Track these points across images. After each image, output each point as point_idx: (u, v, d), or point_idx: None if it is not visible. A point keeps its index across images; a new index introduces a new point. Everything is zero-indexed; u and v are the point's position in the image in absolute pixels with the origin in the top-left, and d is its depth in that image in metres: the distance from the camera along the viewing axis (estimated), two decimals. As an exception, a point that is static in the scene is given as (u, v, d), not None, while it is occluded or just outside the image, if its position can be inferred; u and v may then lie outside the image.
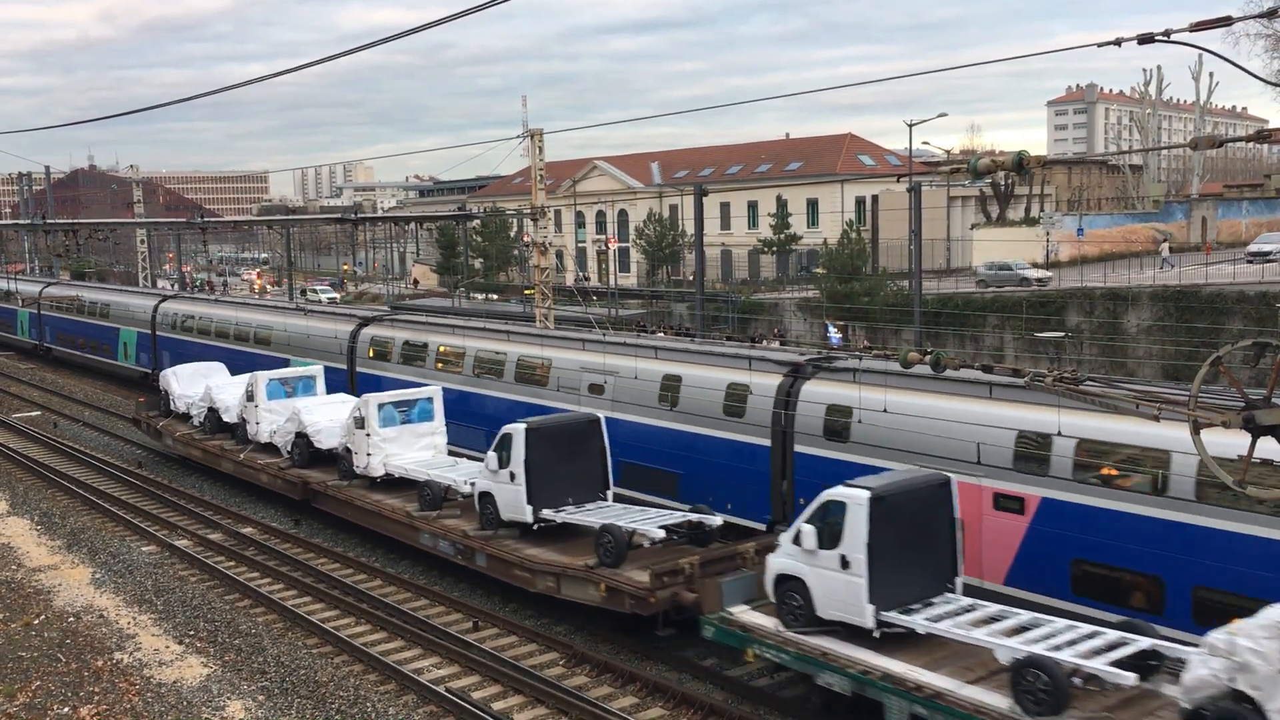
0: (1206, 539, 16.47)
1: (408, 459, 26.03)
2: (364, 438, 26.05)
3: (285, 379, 31.38)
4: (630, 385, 26.11)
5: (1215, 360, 10.70)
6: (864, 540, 15.61)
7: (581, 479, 22.07)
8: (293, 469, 28.69)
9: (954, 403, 19.82)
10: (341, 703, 17.57)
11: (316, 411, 28.93)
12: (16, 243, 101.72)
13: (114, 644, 20.26)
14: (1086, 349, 48.67)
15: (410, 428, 26.52)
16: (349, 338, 36.53)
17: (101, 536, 27.49)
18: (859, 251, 61.33)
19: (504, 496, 21.76)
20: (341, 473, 27.11)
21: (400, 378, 33.09)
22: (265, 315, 43.05)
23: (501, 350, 30.72)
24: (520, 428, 21.49)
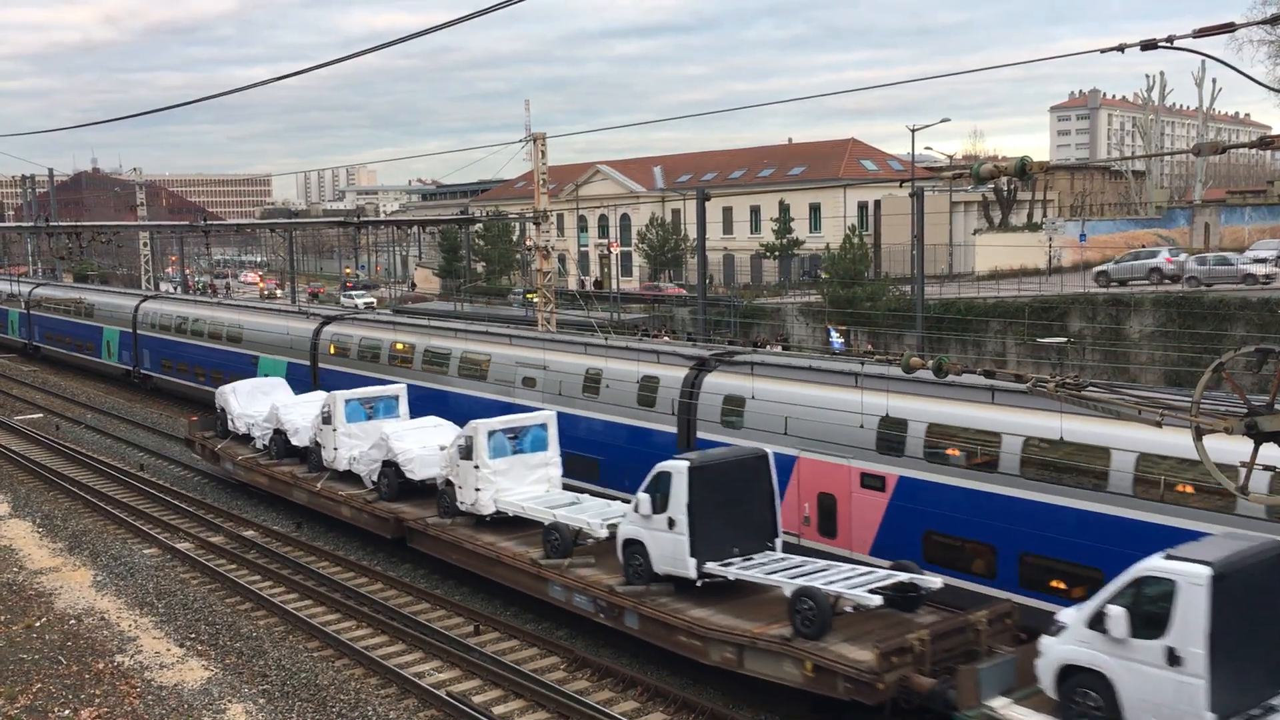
0: (1031, 511, 18.37)
1: (521, 494, 22.79)
2: (471, 470, 22.74)
3: (365, 399, 28.01)
4: (558, 378, 28.59)
5: (1218, 366, 10.70)
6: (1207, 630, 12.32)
7: (748, 525, 18.71)
8: (381, 503, 25.41)
9: (829, 392, 22.09)
10: (343, 706, 17.55)
11: (408, 438, 25.61)
12: (20, 245, 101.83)
13: (115, 647, 20.25)
14: (1089, 355, 48.62)
15: (522, 458, 23.15)
16: (312, 335, 38.54)
17: (103, 539, 27.49)
18: (861, 256, 61.33)
19: (659, 546, 18.45)
20: (442, 509, 23.75)
21: (358, 373, 35.29)
22: (236, 314, 44.81)
23: (447, 347, 33.11)
24: (682, 466, 18.27)
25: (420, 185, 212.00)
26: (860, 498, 21.08)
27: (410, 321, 38.49)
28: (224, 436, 32.42)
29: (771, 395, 22.88)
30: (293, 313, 44.11)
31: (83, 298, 57.45)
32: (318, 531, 28.32)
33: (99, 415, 45.85)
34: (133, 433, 42.01)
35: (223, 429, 32.52)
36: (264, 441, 30.44)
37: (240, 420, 31.75)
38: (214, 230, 50.37)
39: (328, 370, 37.34)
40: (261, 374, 39.83)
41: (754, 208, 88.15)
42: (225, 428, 32.38)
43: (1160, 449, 16.82)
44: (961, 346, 51.38)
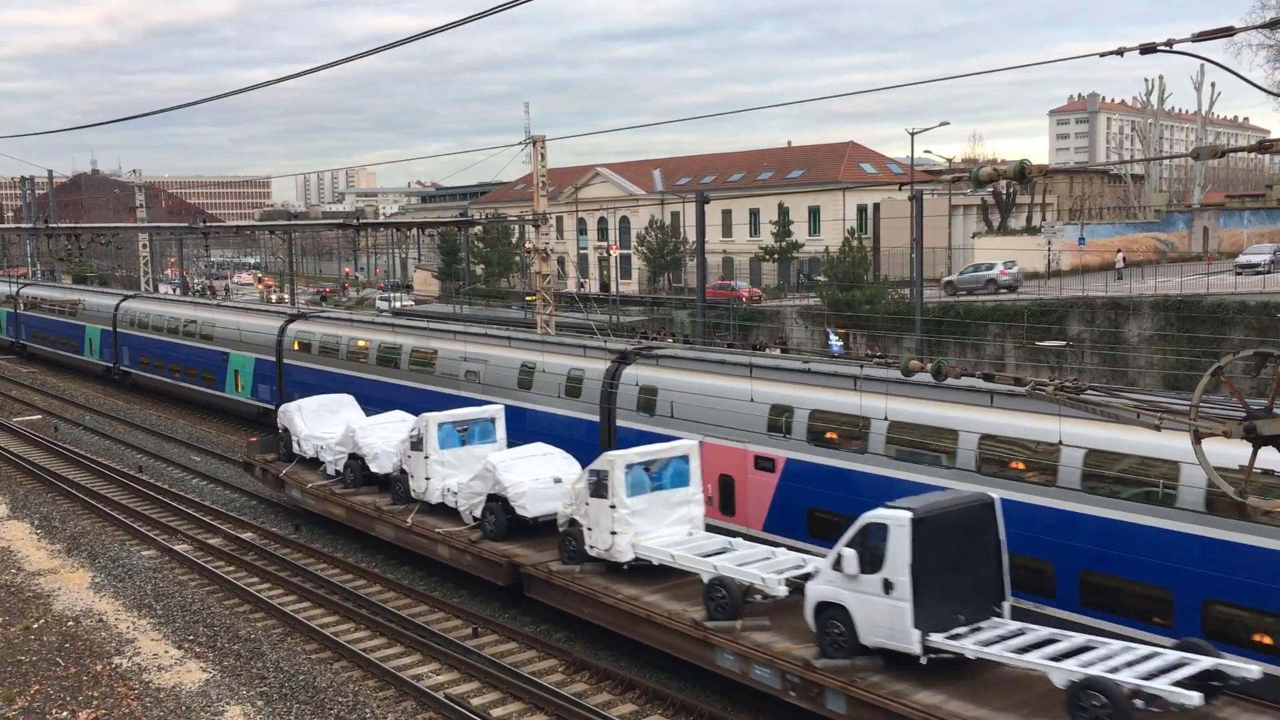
0: (898, 488, 19.68)
1: (662, 538, 19.72)
2: (604, 510, 19.66)
3: (459, 422, 24.89)
4: (498, 372, 30.25)
5: (1216, 370, 10.70)
6: None
7: (973, 586, 15.83)
8: (488, 543, 22.32)
9: (727, 382, 23.99)
10: (340, 708, 17.55)
11: (517, 469, 22.56)
12: (19, 247, 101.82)
13: (113, 648, 20.24)
14: (1088, 358, 48.65)
15: (662, 495, 20.09)
16: (277, 333, 39.84)
17: (101, 541, 27.48)
18: (860, 259, 61.35)
19: (868, 613, 15.44)
20: (565, 553, 20.64)
21: (319, 368, 37.31)
22: (209, 313, 46.41)
23: (398, 343, 34.61)
24: (901, 517, 15.19)
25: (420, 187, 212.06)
26: (754, 478, 23.02)
27: (366, 319, 41.38)
28: (288, 460, 29.26)
29: (679, 386, 25.07)
30: (260, 311, 46.18)
31: (67, 297, 59.37)
32: (316, 534, 28.31)
33: (97, 417, 45.85)
34: (131, 434, 42.01)
35: (286, 451, 29.46)
36: (337, 467, 27.37)
37: (307, 442, 28.62)
38: (213, 232, 51.14)
39: (291, 365, 38.90)
40: (231, 370, 42.72)
41: (753, 210, 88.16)
42: (289, 450, 29.29)
43: (998, 430, 19.29)
44: (960, 350, 51.42)
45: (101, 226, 52.66)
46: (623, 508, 19.56)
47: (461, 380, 31.42)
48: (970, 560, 15.81)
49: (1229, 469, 11.21)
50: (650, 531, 19.75)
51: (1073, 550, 18.09)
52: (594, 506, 19.95)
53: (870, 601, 15.41)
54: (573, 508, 20.53)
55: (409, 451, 24.73)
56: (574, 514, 20.46)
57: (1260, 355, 10.84)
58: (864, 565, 15.42)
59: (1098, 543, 17.83)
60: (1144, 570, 17.32)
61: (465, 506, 23.26)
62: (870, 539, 15.50)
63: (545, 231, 40.90)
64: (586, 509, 20.13)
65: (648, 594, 19.02)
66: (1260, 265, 59.69)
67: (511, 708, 17.78)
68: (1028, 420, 18.78)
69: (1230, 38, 10.54)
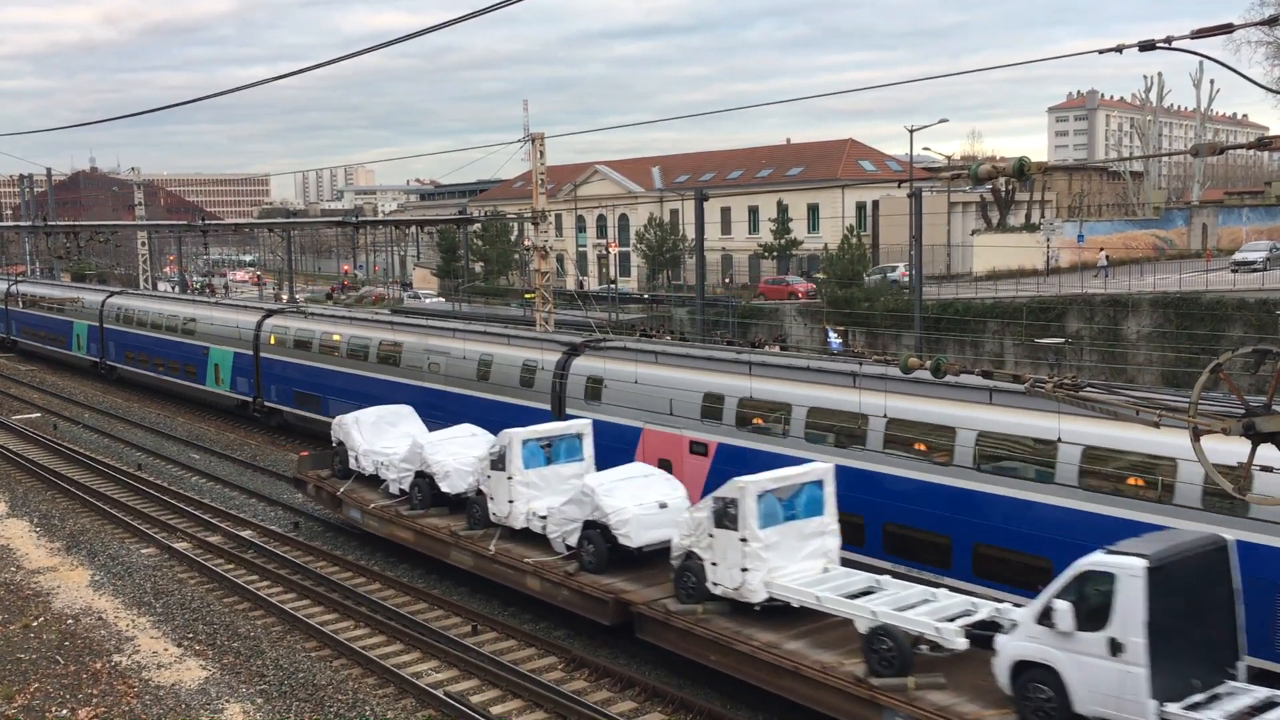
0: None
1: (797, 575, 17.41)
2: (733, 543, 17.27)
3: (543, 439, 22.49)
4: (458, 364, 31.48)
5: (1215, 367, 10.70)
6: None
7: (1208, 645, 13.78)
8: (586, 575, 19.93)
9: (666, 372, 25.59)
10: (340, 706, 17.56)
11: (619, 493, 20.14)
12: (18, 244, 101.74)
13: (113, 646, 20.25)
14: (1087, 355, 48.66)
15: (795, 526, 17.70)
16: (254, 328, 41.08)
17: (101, 539, 27.48)
18: (859, 257, 61.34)
19: (1086, 677, 13.23)
20: (683, 591, 18.25)
21: (293, 361, 38.74)
22: (189, 308, 47.96)
23: (367, 337, 35.91)
24: (1134, 565, 12.96)
25: (419, 185, 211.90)
26: (690, 461, 24.49)
27: (337, 314, 43.46)
28: (344, 476, 26.98)
29: (623, 376, 26.38)
30: (239, 307, 47.67)
31: (55, 294, 61.39)
32: (315, 531, 28.31)
33: (96, 415, 45.84)
34: (130, 432, 42.01)
35: (342, 467, 27.12)
36: (402, 486, 25.12)
37: (366, 458, 26.37)
38: (212, 230, 51.59)
39: (268, 359, 40.26)
40: (211, 364, 43.86)
41: (752, 208, 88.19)
42: (345, 466, 27.02)
43: (903, 414, 20.81)
44: (959, 347, 51.43)
45: (100, 225, 53.11)
46: (755, 541, 17.07)
47: (425, 372, 32.70)
48: (1205, 614, 13.68)
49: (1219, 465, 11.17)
50: (784, 567, 17.36)
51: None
52: (720, 539, 17.42)
53: (1090, 664, 13.08)
54: (691, 539, 18.01)
55: (488, 471, 22.36)
56: (693, 546, 18.00)
57: (1259, 352, 10.84)
58: (1082, 621, 13.13)
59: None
60: (1022, 540, 18.69)
61: (557, 534, 20.84)
62: (1090, 590, 13.15)
63: (544, 229, 40.88)
64: (710, 541, 17.62)
65: (786, 640, 16.74)
66: (1256, 262, 59.70)
67: (511, 705, 17.79)
68: (932, 405, 20.46)
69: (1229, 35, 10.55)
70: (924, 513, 19.97)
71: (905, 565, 19.90)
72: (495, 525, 22.39)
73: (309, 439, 38.65)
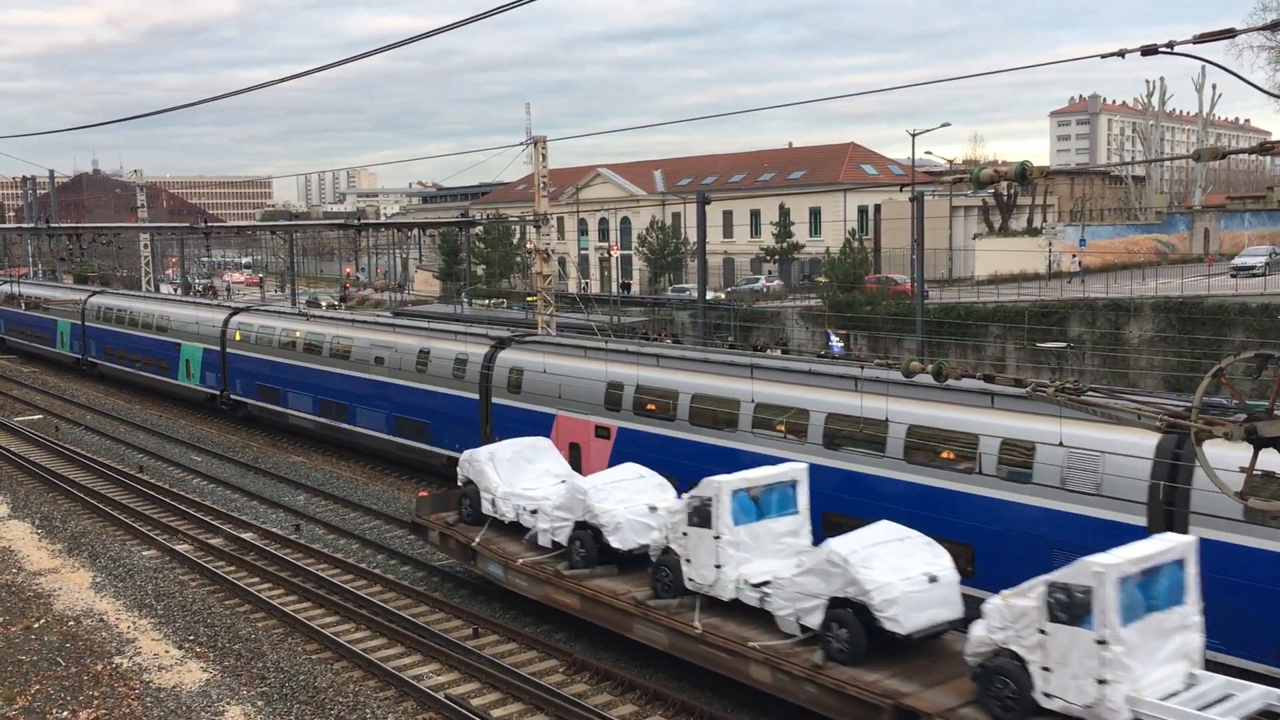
0: (695, 449, 24.11)
1: (1158, 681, 13.30)
2: (1085, 644, 13.02)
3: (752, 486, 17.97)
4: (401, 357, 33.79)
5: (1217, 372, 10.70)
6: None
7: None
8: (838, 669, 15.50)
9: (578, 363, 28.01)
10: (341, 708, 17.56)
11: (877, 564, 15.75)
12: (20, 246, 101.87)
13: (114, 648, 20.26)
14: (1088, 359, 48.64)
15: (1156, 619, 13.48)
16: (221, 325, 43.42)
17: (102, 540, 27.50)
18: (861, 260, 61.33)
19: None
20: (998, 705, 13.82)
21: (256, 356, 41.06)
22: (163, 307, 50.20)
23: (322, 333, 38.07)
24: None
25: (421, 188, 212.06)
26: (595, 444, 26.87)
27: (296, 312, 46.86)
28: (474, 522, 22.88)
29: (540, 367, 28.87)
30: (208, 305, 50.79)
31: (40, 294, 64.34)
32: (316, 534, 28.32)
33: (98, 416, 45.89)
34: (132, 434, 42.05)
35: (473, 511, 22.96)
36: (556, 538, 20.86)
37: (506, 502, 22.20)
38: (214, 232, 52.86)
39: (233, 354, 42.57)
40: (183, 359, 46.13)
41: (754, 211, 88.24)
42: (477, 510, 22.83)
43: (769, 399, 23.15)
44: (961, 351, 51.43)
45: (103, 226, 54.97)
46: (1116, 644, 12.92)
47: (372, 365, 34.93)
48: None
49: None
50: (1146, 675, 13.19)
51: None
52: (1055, 636, 13.33)
53: None
54: (1007, 631, 13.78)
55: (684, 527, 18.02)
56: (1010, 642, 13.80)
57: (1261, 357, 10.86)
58: None
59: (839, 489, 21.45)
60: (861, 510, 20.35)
61: (788, 610, 16.59)
62: None
63: (546, 232, 40.93)
64: (1042, 640, 13.42)
65: None
66: (1256, 267, 59.41)
67: (512, 708, 17.79)
68: (791, 391, 22.94)
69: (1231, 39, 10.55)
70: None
71: None
72: (693, 594, 18.05)
73: (275, 431, 40.76)
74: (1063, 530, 18.06)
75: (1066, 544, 17.55)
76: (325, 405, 36.85)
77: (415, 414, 32.76)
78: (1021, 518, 18.66)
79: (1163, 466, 17.14)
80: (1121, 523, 17.34)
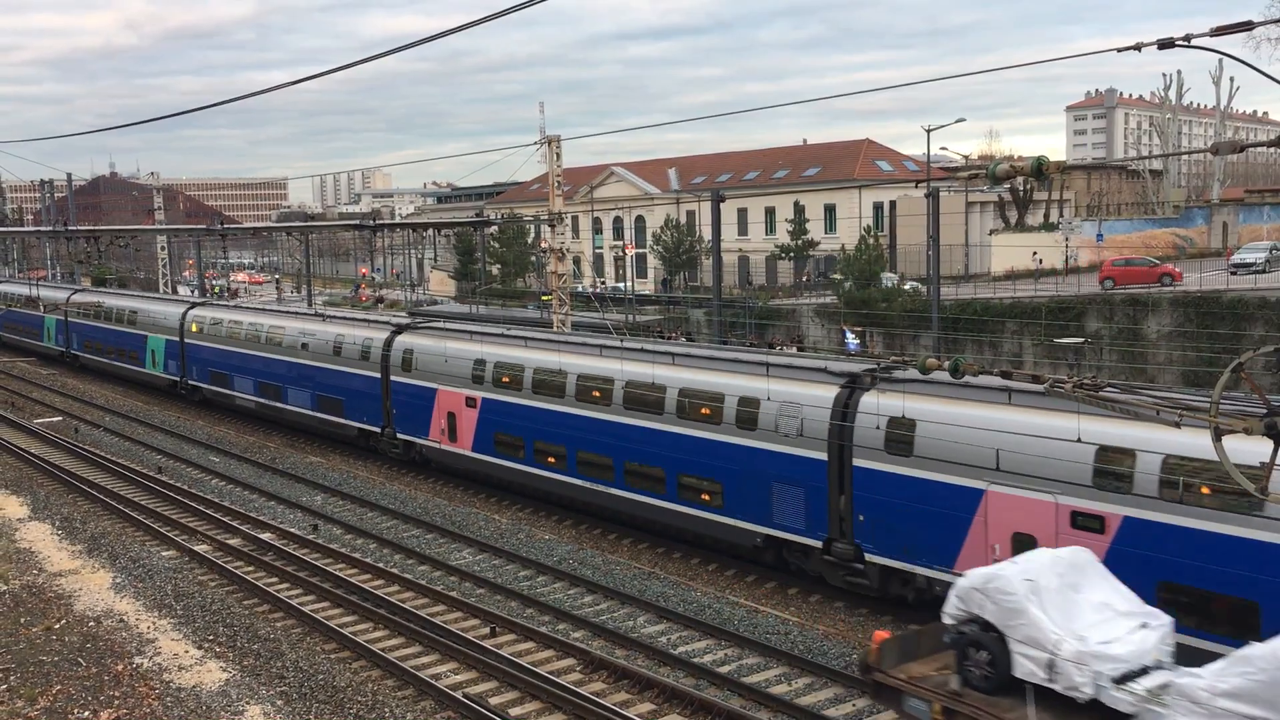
0: (535, 414, 28.89)
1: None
2: None
3: None
4: (320, 344, 38.30)
5: (1237, 366, 10.62)
6: None
7: None
8: None
9: (456, 344, 32.43)
10: (360, 707, 17.61)
11: None
12: (39, 249, 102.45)
13: (134, 648, 20.36)
14: (1106, 355, 48.39)
15: None
16: (180, 318, 48.09)
17: (122, 541, 27.64)
18: (877, 257, 61.16)
19: None
20: None
21: (207, 345, 45.63)
22: (133, 302, 55.08)
23: (261, 323, 42.94)
24: None
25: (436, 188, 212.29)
26: (466, 413, 31.48)
27: (242, 305, 51.78)
28: (998, 689, 13.13)
29: (427, 349, 33.21)
30: (169, 299, 56.10)
31: (29, 292, 68.16)
32: (334, 534, 28.41)
33: (116, 418, 46.14)
34: (150, 435, 42.25)
35: (989, 673, 13.30)
36: None
37: (1080, 669, 12.47)
38: (230, 234, 54.21)
39: (191, 344, 47.08)
40: (149, 349, 50.60)
41: (769, 209, 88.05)
42: (1003, 669, 13.17)
43: (587, 370, 27.58)
44: (978, 347, 51.21)
45: (120, 229, 56.26)
46: None
47: (299, 350, 39.33)
48: None
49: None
50: None
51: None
52: None
53: None
54: None
55: None
56: None
57: (1281, 351, 10.75)
58: None
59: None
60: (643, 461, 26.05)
61: None
62: None
63: (560, 231, 40.95)
64: None
65: None
66: (1256, 264, 57.75)
67: (529, 707, 17.81)
68: (600, 363, 27.42)
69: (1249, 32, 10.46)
70: (597, 441, 27.14)
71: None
72: None
73: (228, 413, 45.20)
74: (777, 465, 22.66)
75: (780, 477, 22.64)
76: (263, 387, 41.66)
77: (332, 392, 37.47)
78: (752, 457, 23.18)
79: (837, 414, 21.44)
80: (813, 458, 21.88)
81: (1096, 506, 17.60)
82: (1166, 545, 16.85)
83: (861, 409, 21.06)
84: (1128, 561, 16.63)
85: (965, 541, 19.33)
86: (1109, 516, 17.43)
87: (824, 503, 21.85)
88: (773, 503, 22.67)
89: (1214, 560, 16.38)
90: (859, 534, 21.18)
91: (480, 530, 28.19)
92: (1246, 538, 16.03)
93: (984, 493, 19.01)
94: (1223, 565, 16.28)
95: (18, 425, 43.83)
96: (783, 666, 19.21)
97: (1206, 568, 16.43)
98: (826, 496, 21.81)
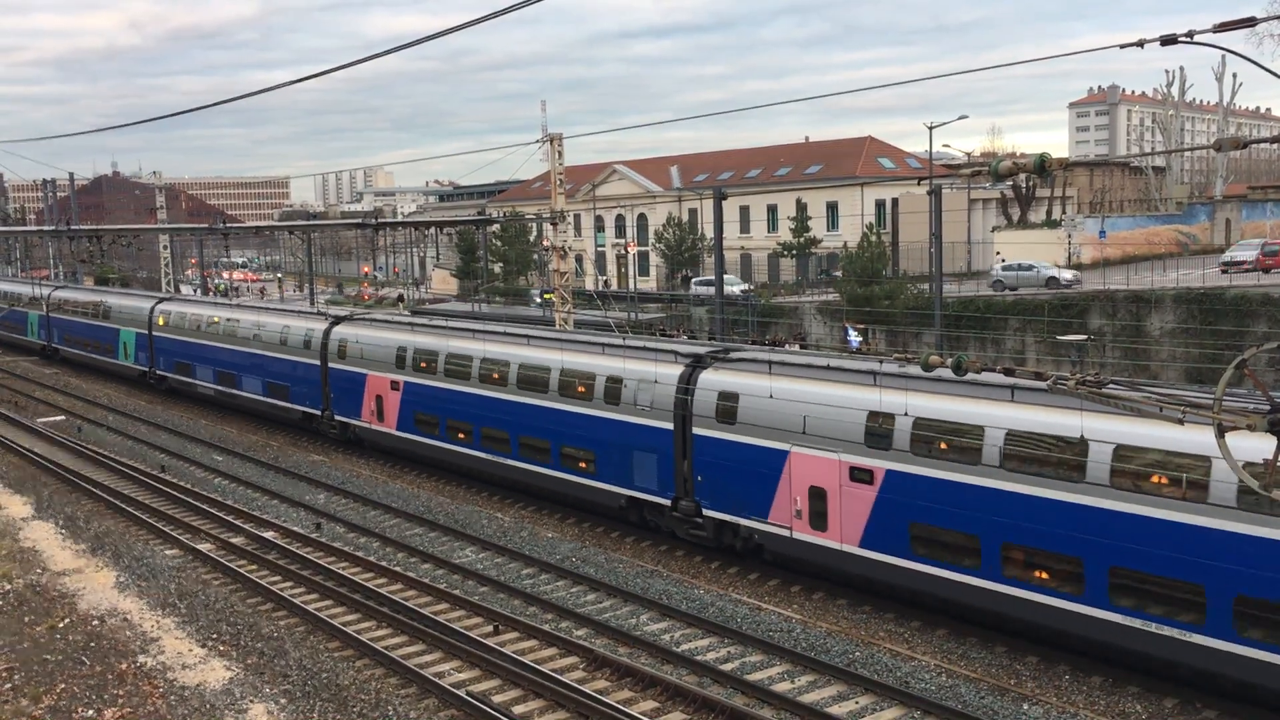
0: (453, 396, 31.85)
1: None
2: None
3: None
4: (268, 334, 41.49)
5: (1240, 363, 10.60)
6: None
7: None
8: None
9: (383, 334, 35.74)
10: (363, 706, 17.62)
11: None
12: (42, 249, 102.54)
13: (138, 647, 20.39)
14: (1109, 352, 48.33)
15: None
16: (148, 312, 50.93)
17: (125, 540, 27.67)
18: (879, 255, 61.10)
19: None
20: None
21: (173, 337, 48.68)
22: (107, 298, 58.43)
23: (219, 316, 46.13)
24: None
25: (438, 186, 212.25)
26: (390, 395, 34.52)
27: (203, 300, 56.66)
28: None
29: (360, 339, 36.49)
30: (138, 295, 59.96)
31: (16, 290, 73.23)
32: (337, 533, 28.43)
33: (120, 417, 46.17)
34: (154, 434, 42.30)
35: None
36: None
37: None
38: (232, 233, 54.97)
39: (158, 337, 50.03)
40: (122, 342, 53.64)
41: (771, 206, 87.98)
42: None
43: (493, 355, 30.75)
44: (981, 344, 51.17)
45: (122, 229, 57.51)
46: None
47: (250, 340, 42.50)
48: None
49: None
50: None
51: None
52: None
53: None
54: None
55: None
56: None
57: (1285, 348, 10.73)
58: None
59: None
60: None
61: None
62: None
63: (563, 229, 40.94)
64: None
65: None
66: (1247, 262, 57.23)
67: (533, 705, 17.81)
68: (499, 347, 30.78)
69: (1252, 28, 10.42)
70: (497, 418, 30.21)
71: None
72: None
73: (192, 400, 48.06)
74: (636, 435, 25.69)
75: (639, 445, 25.72)
76: (221, 375, 44.76)
77: (280, 379, 40.67)
78: (618, 430, 26.26)
79: (681, 389, 24.53)
80: (662, 428, 25.05)
81: (867, 462, 20.81)
82: (918, 492, 20.07)
83: (700, 385, 24.49)
84: (888, 506, 20.41)
85: (775, 495, 22.69)
86: (876, 470, 20.65)
87: (671, 466, 25.20)
88: (633, 468, 26.08)
89: (950, 504, 19.55)
90: (698, 492, 24.51)
91: (483, 529, 28.21)
92: (975, 484, 19.08)
93: (789, 453, 22.34)
94: (954, 507, 19.42)
95: (21, 424, 43.89)
96: (786, 664, 19.22)
97: (945, 510, 19.61)
98: (673, 461, 25.12)
